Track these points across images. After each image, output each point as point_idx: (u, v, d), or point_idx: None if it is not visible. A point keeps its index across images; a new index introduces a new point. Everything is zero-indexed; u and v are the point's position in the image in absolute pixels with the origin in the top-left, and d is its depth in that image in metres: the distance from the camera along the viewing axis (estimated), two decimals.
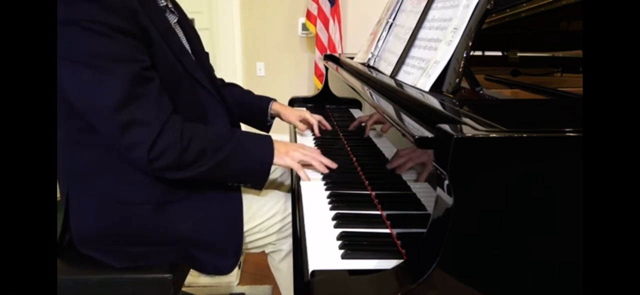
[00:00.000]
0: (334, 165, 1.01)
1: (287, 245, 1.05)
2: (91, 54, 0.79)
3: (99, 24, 0.78)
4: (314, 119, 1.31)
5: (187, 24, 1.09)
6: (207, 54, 1.18)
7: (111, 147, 0.88)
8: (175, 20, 1.03)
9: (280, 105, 1.37)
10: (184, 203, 0.96)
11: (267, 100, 1.37)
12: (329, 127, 1.33)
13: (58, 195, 1.03)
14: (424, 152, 0.65)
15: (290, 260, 1.06)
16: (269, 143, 0.97)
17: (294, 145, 1.03)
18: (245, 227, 1.00)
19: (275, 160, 0.96)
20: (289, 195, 1.09)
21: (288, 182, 1.33)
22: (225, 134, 0.94)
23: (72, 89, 0.82)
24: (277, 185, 1.33)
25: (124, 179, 0.92)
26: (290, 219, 1.03)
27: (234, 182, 0.99)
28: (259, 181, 0.97)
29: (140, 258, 0.96)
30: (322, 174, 1.00)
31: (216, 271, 0.99)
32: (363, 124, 1.11)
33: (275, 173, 1.34)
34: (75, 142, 0.91)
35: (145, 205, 0.93)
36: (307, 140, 1.31)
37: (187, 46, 1.03)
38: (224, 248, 0.97)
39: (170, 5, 1.01)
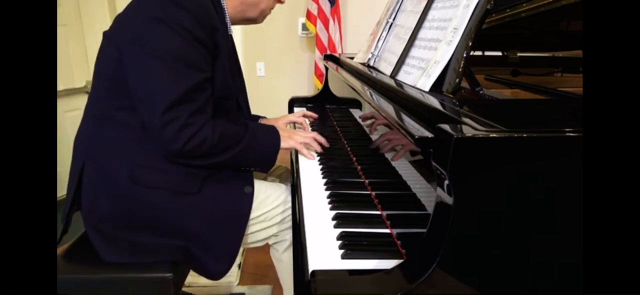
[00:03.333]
0: (326, 144, 1.15)
1: (290, 235, 1.07)
2: (169, 52, 0.88)
3: (185, 31, 0.89)
4: (299, 116, 1.37)
5: (235, 54, 1.19)
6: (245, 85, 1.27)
7: (144, 130, 0.95)
8: (231, 48, 1.13)
9: (266, 121, 1.39)
10: (195, 198, 0.99)
11: (256, 118, 1.39)
12: (314, 115, 1.41)
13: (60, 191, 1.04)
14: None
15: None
16: (275, 133, 1.10)
17: (294, 131, 1.19)
18: (250, 216, 1.03)
19: (282, 144, 1.09)
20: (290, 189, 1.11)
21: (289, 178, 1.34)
22: (242, 129, 1.05)
23: (138, 74, 0.91)
24: (282, 180, 1.36)
25: (147, 161, 0.96)
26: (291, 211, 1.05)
27: (247, 166, 1.08)
28: (268, 165, 1.09)
29: (141, 251, 0.96)
30: (317, 156, 1.12)
31: (205, 273, 1.01)
32: (367, 120, 1.12)
33: (278, 169, 1.38)
34: (110, 117, 0.97)
35: (161, 190, 0.96)
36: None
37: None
38: (220, 253, 1.00)
39: (231, 35, 1.12)
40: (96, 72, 1.00)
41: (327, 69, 1.75)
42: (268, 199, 1.08)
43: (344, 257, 0.67)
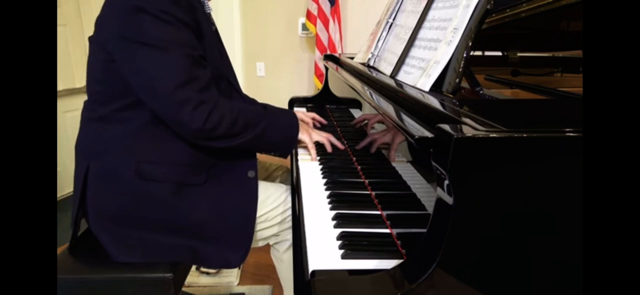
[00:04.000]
0: (341, 146, 1.15)
1: (291, 235, 1.07)
2: (160, 38, 0.88)
3: (167, 14, 0.89)
4: (307, 117, 1.35)
5: (218, 36, 1.17)
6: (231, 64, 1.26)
7: (144, 126, 0.95)
8: (214, 29, 1.11)
9: None
10: (202, 189, 0.99)
11: None
12: (323, 121, 1.38)
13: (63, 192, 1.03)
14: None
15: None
16: (295, 119, 1.12)
17: (311, 127, 1.22)
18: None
19: (299, 135, 1.11)
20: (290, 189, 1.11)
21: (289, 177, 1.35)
22: (260, 110, 1.06)
23: (134, 68, 0.90)
24: (282, 180, 1.36)
25: (150, 157, 0.96)
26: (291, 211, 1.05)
27: (266, 150, 1.09)
28: (287, 150, 1.10)
29: (147, 249, 0.96)
30: (318, 158, 1.12)
31: (225, 264, 1.00)
32: (365, 122, 1.12)
33: (278, 169, 1.39)
34: (109, 118, 0.97)
35: (166, 184, 0.96)
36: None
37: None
38: (235, 240, 1.00)
39: (212, 15, 1.11)
40: (88, 76, 0.99)
41: (327, 69, 1.76)
42: (268, 199, 1.08)
43: (344, 257, 0.67)
